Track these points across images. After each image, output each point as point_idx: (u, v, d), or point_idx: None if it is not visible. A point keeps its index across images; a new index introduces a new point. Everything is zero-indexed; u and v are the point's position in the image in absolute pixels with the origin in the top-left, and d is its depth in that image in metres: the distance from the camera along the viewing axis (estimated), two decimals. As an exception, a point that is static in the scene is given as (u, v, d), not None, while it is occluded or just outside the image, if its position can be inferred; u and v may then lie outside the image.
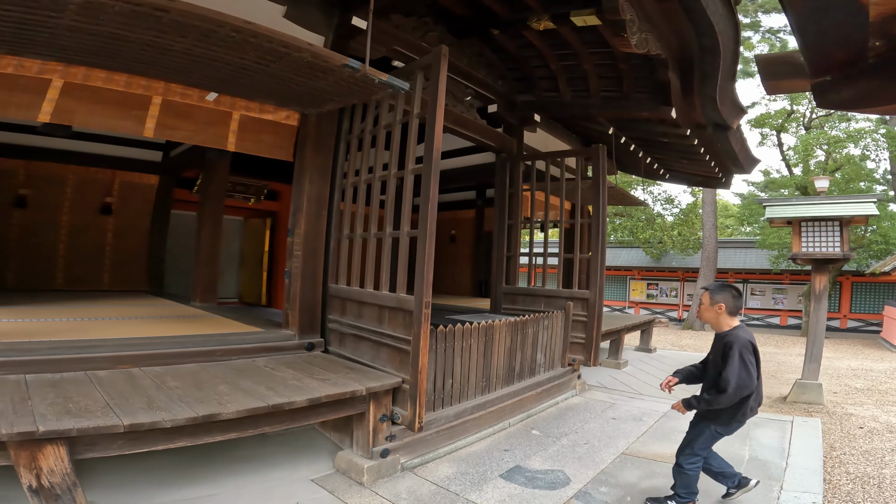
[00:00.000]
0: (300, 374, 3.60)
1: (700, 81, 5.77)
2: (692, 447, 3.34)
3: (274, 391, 3.12)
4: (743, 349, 3.01)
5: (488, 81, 6.86)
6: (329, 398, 3.19)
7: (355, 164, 4.47)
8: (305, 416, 3.22)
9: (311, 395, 3.12)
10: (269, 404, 2.89)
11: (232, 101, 4.17)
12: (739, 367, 2.97)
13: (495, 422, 4.96)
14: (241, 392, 3.06)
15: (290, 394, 3.10)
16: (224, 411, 2.72)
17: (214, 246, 6.12)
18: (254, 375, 3.45)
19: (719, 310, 3.20)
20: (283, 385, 3.27)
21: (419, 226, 3.45)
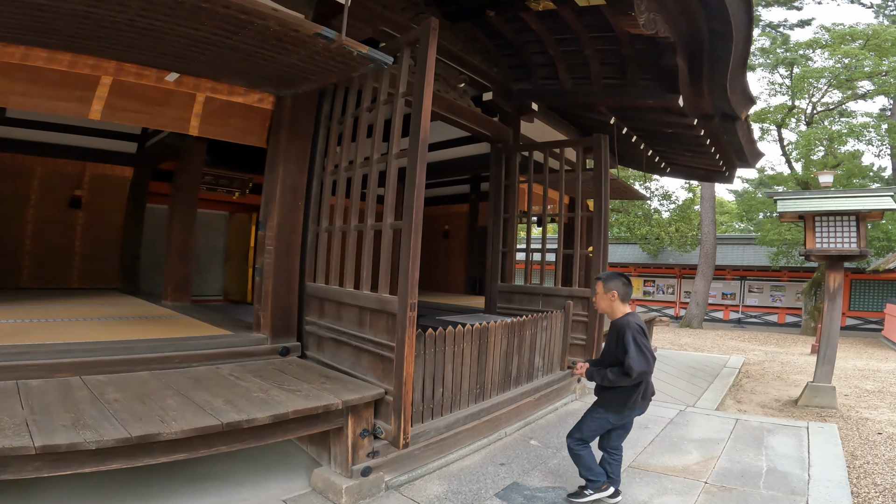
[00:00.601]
0: (268, 383, 3.18)
1: (710, 68, 5.40)
2: (581, 431, 3.38)
3: (232, 405, 2.71)
4: (636, 334, 3.11)
5: (483, 68, 6.45)
6: (298, 414, 2.78)
7: (335, 150, 4.05)
8: (270, 434, 2.80)
9: (276, 410, 2.71)
10: (222, 422, 2.48)
11: (196, 82, 3.76)
12: (637, 352, 3.06)
13: (490, 432, 4.57)
14: (193, 407, 2.64)
15: (252, 409, 2.69)
16: (165, 431, 2.31)
17: (187, 241, 5.67)
18: (213, 386, 3.03)
19: (612, 297, 3.29)
20: (244, 398, 2.85)
21: (404, 217, 3.03)
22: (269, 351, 3.81)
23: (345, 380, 3.41)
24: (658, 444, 4.69)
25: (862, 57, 15.84)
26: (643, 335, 3.13)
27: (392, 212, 3.30)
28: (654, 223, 22.22)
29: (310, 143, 4.15)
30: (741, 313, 21.77)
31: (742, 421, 5.47)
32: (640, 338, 3.10)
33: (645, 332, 3.18)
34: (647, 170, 10.21)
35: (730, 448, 4.66)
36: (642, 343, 3.09)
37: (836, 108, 18.89)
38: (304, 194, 4.01)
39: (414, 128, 3.11)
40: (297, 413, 2.77)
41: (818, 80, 17.17)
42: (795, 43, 18.79)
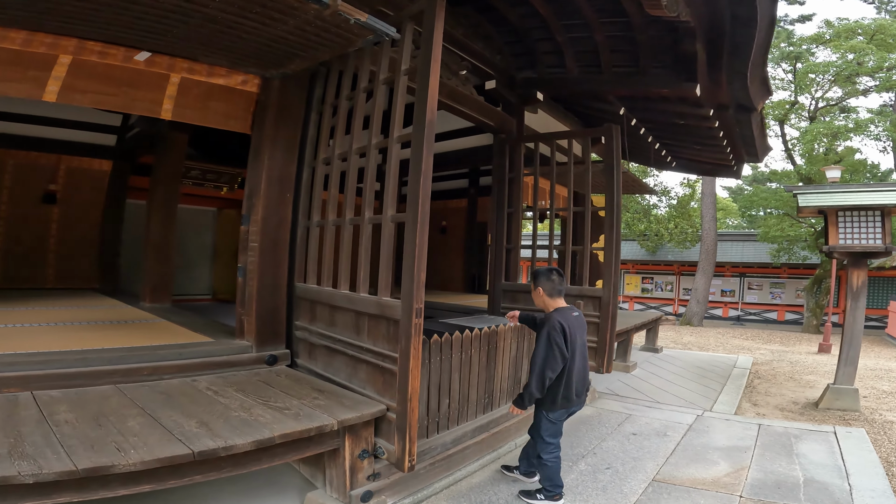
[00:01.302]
0: (252, 399, 2.77)
1: (730, 55, 5.03)
2: (541, 437, 3.36)
3: (207, 428, 2.31)
4: (551, 330, 3.14)
5: (486, 55, 6.05)
6: (286, 438, 2.38)
7: (329, 136, 3.63)
8: (253, 461, 2.40)
9: (260, 434, 2.31)
10: (193, 451, 2.08)
11: (170, 61, 3.37)
12: (545, 349, 3.13)
13: (500, 444, 4.20)
14: (159, 430, 2.25)
15: (231, 432, 2.29)
16: (121, 463, 1.92)
17: (167, 238, 5.25)
18: (186, 403, 2.63)
19: (540, 293, 3.36)
20: (222, 418, 2.45)
21: (408, 208, 2.63)
22: (255, 360, 3.40)
23: (340, 394, 3.01)
24: (681, 454, 4.33)
25: (868, 51, 15.56)
26: (559, 332, 3.14)
27: (393, 203, 2.89)
28: (654, 219, 21.91)
29: (300, 130, 3.74)
30: (740, 310, 21.51)
31: (765, 426, 5.12)
32: (555, 335, 3.13)
33: (566, 330, 3.17)
34: (653, 164, 9.85)
35: (759, 457, 4.31)
36: (555, 340, 3.12)
37: (837, 105, 18.61)
38: (293, 185, 3.60)
39: (420, 105, 2.71)
40: (284, 437, 2.37)
41: (824, 74, 16.88)
42: (799, 38, 18.50)
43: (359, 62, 3.47)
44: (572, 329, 3.21)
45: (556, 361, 3.13)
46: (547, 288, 3.34)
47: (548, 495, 3.34)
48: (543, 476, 3.38)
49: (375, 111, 3.19)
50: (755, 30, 4.54)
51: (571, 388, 3.26)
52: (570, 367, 3.23)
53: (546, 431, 3.34)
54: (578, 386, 3.32)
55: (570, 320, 3.24)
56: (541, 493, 3.36)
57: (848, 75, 16.52)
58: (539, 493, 3.37)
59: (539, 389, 3.18)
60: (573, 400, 3.31)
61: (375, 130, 3.15)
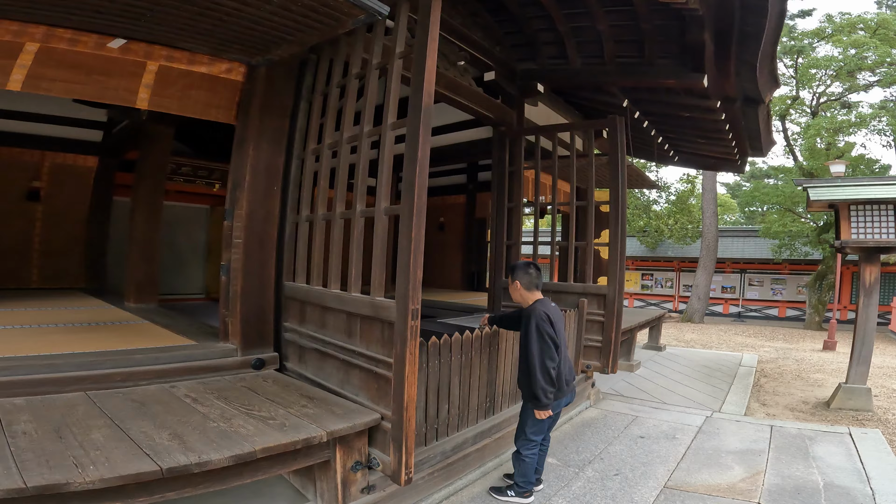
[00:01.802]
0: (234, 408, 2.55)
1: (739, 45, 4.83)
2: (524, 432, 3.29)
3: (181, 441, 2.10)
4: (539, 321, 3.09)
5: (485, 45, 5.83)
6: (268, 452, 2.16)
7: (319, 127, 3.41)
8: (233, 476, 2.19)
9: (240, 447, 2.09)
10: (161, 468, 1.87)
11: (148, 49, 3.15)
12: (538, 340, 3.08)
13: (502, 450, 3.99)
14: (126, 443, 2.04)
15: (207, 445, 2.08)
16: (77, 480, 1.72)
17: (152, 236, 5.01)
18: (161, 412, 2.42)
19: (517, 287, 3.32)
20: (199, 430, 2.24)
21: (403, 199, 2.41)
22: (240, 364, 3.17)
23: (331, 401, 2.79)
24: (692, 458, 4.13)
25: (871, 46, 15.36)
26: (547, 322, 3.10)
27: (387, 196, 2.67)
28: (653, 215, 21.70)
29: (288, 120, 3.51)
30: (741, 307, 21.33)
31: (778, 428, 4.93)
32: (544, 325, 3.09)
33: (552, 318, 3.15)
34: (656, 159, 9.63)
35: (774, 460, 4.11)
36: (545, 330, 3.08)
37: (838, 100, 18.42)
38: (280, 178, 3.38)
39: (416, 89, 2.49)
40: (267, 451, 2.15)
41: (826, 69, 16.68)
42: (801, 32, 18.30)
43: (351, 49, 3.25)
44: (555, 319, 3.20)
45: (551, 350, 3.09)
46: (525, 281, 3.30)
47: (519, 492, 3.29)
48: (518, 472, 3.30)
49: (368, 99, 2.97)
50: (765, 19, 4.36)
51: (562, 378, 3.22)
52: (560, 357, 3.20)
53: (532, 427, 3.25)
54: (568, 375, 3.30)
55: (552, 310, 3.22)
56: (511, 490, 3.31)
57: (850, 70, 16.33)
58: (510, 490, 3.32)
59: (548, 382, 3.09)
60: (564, 389, 3.26)
61: (368, 118, 2.92)
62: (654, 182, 11.17)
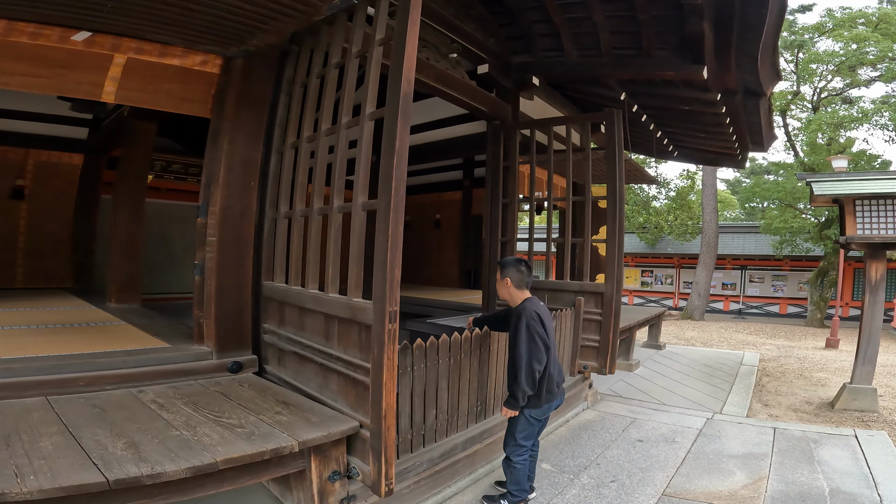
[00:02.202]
0: (202, 414, 2.40)
1: (739, 36, 4.66)
2: (514, 437, 3.13)
3: (135, 451, 1.96)
4: (529, 320, 2.97)
5: (478, 37, 5.66)
6: (231, 463, 2.01)
7: (297, 119, 3.25)
8: (195, 488, 2.05)
9: (198, 459, 1.94)
10: (108, 479, 1.73)
11: (115, 41, 3.00)
12: (527, 340, 2.95)
13: (494, 455, 3.83)
14: (75, 452, 1.91)
15: (162, 456, 1.94)
16: (13, 490, 1.62)
17: (134, 234, 4.85)
18: (121, 419, 2.28)
19: (507, 284, 3.18)
20: (158, 438, 2.10)
21: (380, 193, 2.25)
22: (215, 368, 3.02)
23: (308, 407, 2.63)
24: (692, 464, 3.98)
25: (872, 40, 15.16)
26: (538, 322, 2.99)
27: (364, 190, 2.51)
28: (653, 211, 21.51)
29: (266, 113, 3.35)
30: (742, 304, 21.17)
31: (781, 430, 4.77)
32: (535, 325, 2.97)
33: (542, 318, 3.03)
34: (655, 154, 9.45)
35: (778, 465, 3.96)
36: (535, 330, 2.96)
37: (839, 95, 18.22)
38: (258, 173, 3.22)
39: (395, 75, 2.33)
40: (230, 462, 2.00)
41: (828, 64, 16.48)
42: (801, 27, 18.08)
43: (331, 38, 3.10)
44: (545, 319, 3.08)
45: (540, 352, 2.95)
46: (515, 279, 3.16)
47: (512, 500, 3.16)
48: (511, 479, 3.16)
49: (346, 88, 2.81)
50: (767, 10, 4.21)
51: (553, 381, 3.09)
52: (551, 358, 3.08)
53: (522, 433, 3.10)
54: (558, 377, 3.18)
55: (541, 309, 3.10)
56: (504, 499, 3.19)
57: (851, 66, 16.14)
58: (503, 499, 3.20)
59: (531, 385, 2.96)
60: (555, 392, 3.14)
61: (346, 109, 2.76)
62: (653, 177, 10.99)
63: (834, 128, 16.28)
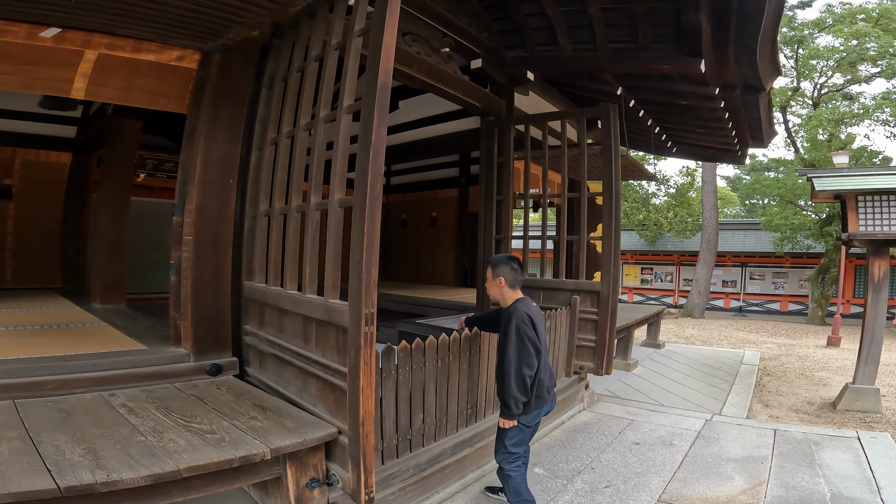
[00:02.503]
0: (172, 419, 2.30)
1: (737, 29, 4.57)
2: (504, 445, 2.97)
3: (94, 456, 1.88)
4: (520, 323, 2.81)
5: (471, 32, 5.54)
6: (196, 471, 1.91)
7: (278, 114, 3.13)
8: (159, 495, 1.95)
9: (159, 467, 1.85)
10: (59, 486, 1.66)
11: (86, 37, 2.91)
12: (517, 344, 2.79)
13: (485, 460, 3.73)
14: (30, 457, 1.83)
15: (121, 463, 1.86)
16: None
17: (119, 233, 4.75)
18: (86, 424, 2.19)
19: (500, 284, 3.00)
20: (121, 444, 2.02)
21: (356, 189, 2.14)
22: (193, 370, 2.91)
23: (285, 412, 2.53)
24: (690, 468, 3.86)
25: (873, 36, 15.01)
26: (529, 324, 2.82)
27: (342, 186, 2.40)
28: (653, 208, 21.38)
29: (246, 108, 3.24)
30: (742, 301, 21.06)
31: (781, 432, 4.66)
32: (525, 328, 2.80)
33: (534, 321, 2.87)
34: (653, 150, 9.34)
35: (778, 468, 3.84)
36: (525, 333, 2.79)
37: (839, 91, 18.07)
38: (237, 170, 3.10)
39: (372, 65, 2.21)
40: (194, 470, 1.90)
41: (827, 60, 16.34)
42: (801, 22, 17.93)
43: (312, 31, 2.99)
44: (537, 321, 2.90)
45: (531, 357, 2.79)
46: (509, 278, 2.97)
47: None
48: (510, 490, 2.98)
49: (324, 81, 2.70)
50: (765, 1, 4.11)
51: (543, 386, 2.92)
52: (543, 362, 2.91)
53: (511, 439, 2.93)
54: (549, 382, 3.00)
55: (534, 311, 2.92)
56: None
57: (851, 61, 16.00)
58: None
59: (522, 391, 2.80)
60: (545, 398, 2.97)
61: (325, 102, 2.65)
62: (651, 173, 10.87)
63: (835, 124, 16.15)
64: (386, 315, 7.53)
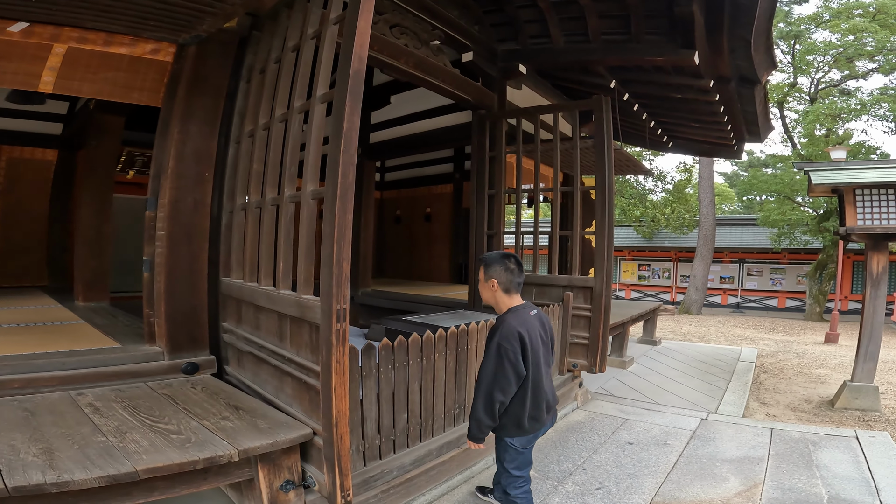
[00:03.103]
0: (137, 420, 2.22)
1: (731, 19, 4.48)
2: (505, 469, 2.66)
3: (48, 456, 1.81)
4: (503, 340, 2.39)
5: (462, 24, 5.45)
6: (154, 473, 1.82)
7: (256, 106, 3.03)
8: (116, 497, 1.88)
9: (115, 468, 1.78)
10: (8, 486, 1.62)
11: (55, 31, 2.84)
12: (493, 364, 2.40)
13: (473, 461, 3.64)
14: None
15: (76, 464, 1.79)
16: None
17: (101, 230, 4.64)
18: (47, 424, 2.12)
19: (493, 287, 2.58)
20: (79, 444, 1.94)
21: (327, 179, 2.04)
22: (167, 369, 2.82)
23: (260, 412, 2.43)
24: (684, 469, 3.77)
25: (870, 31, 14.91)
26: (516, 342, 2.39)
27: (315, 177, 2.31)
28: (650, 204, 21.28)
29: (223, 100, 3.14)
30: (740, 297, 20.98)
31: (778, 431, 4.57)
32: (508, 349, 2.38)
33: (526, 339, 2.42)
34: (649, 145, 9.24)
35: (774, 469, 3.75)
36: (506, 355, 2.37)
37: (837, 86, 17.98)
38: (213, 163, 3.00)
39: (345, 51, 2.11)
40: (154, 472, 1.81)
41: (825, 55, 16.24)
42: (798, 17, 17.82)
43: (290, 22, 2.89)
44: (532, 336, 2.47)
45: (507, 381, 2.39)
46: (503, 280, 2.54)
47: None
48: None
49: (300, 71, 2.60)
50: (758, -10, 4.02)
51: (540, 406, 2.52)
52: (537, 380, 2.49)
53: (511, 462, 2.61)
54: (549, 399, 2.60)
55: (528, 324, 2.50)
56: None
57: (848, 57, 15.91)
58: None
59: (489, 415, 2.43)
60: (543, 419, 2.57)
61: (300, 93, 2.55)
62: (646, 168, 10.78)
63: (832, 119, 16.05)
64: (379, 312, 7.45)
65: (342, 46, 2.16)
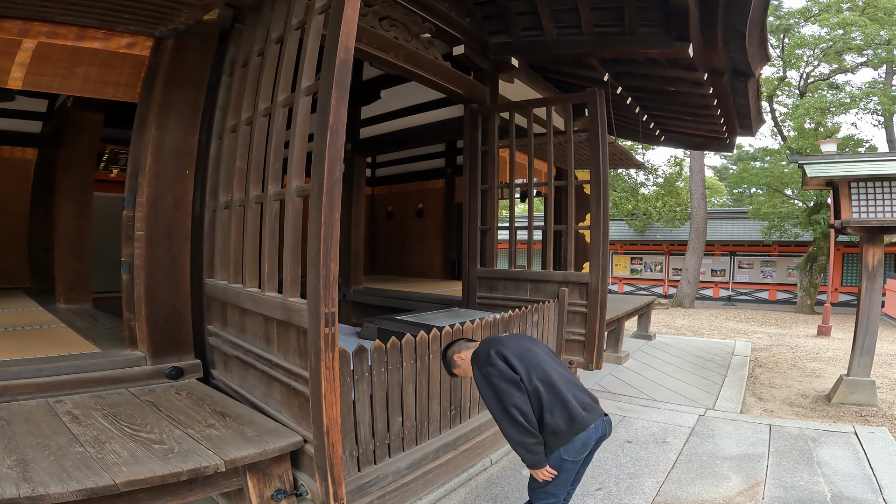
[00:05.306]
0: (117, 429, 2.12)
1: (726, 10, 4.41)
2: (538, 482, 2.37)
3: (23, 468, 1.74)
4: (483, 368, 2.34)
5: (453, 17, 5.34)
6: (135, 485, 1.72)
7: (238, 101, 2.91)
8: None
9: (93, 481, 1.70)
10: None
11: (24, 26, 2.71)
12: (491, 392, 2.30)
13: (471, 462, 3.55)
14: None
15: (51, 477, 1.71)
16: None
17: (81, 230, 4.49)
18: (22, 433, 2.03)
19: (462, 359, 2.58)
20: (56, 455, 1.85)
21: (313, 175, 1.93)
22: (151, 374, 2.70)
23: (247, 419, 2.32)
24: (684, 467, 3.71)
25: (860, 25, 14.93)
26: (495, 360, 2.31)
27: (300, 173, 2.20)
28: (641, 198, 21.29)
29: (204, 95, 3.02)
30: (731, 290, 21.05)
31: (777, 427, 4.52)
32: (489, 368, 2.30)
33: (505, 353, 2.33)
34: (641, 139, 9.19)
35: (775, 467, 3.70)
36: (489, 374, 2.29)
37: (826, 80, 18.04)
38: (194, 160, 2.88)
39: (331, 41, 2.00)
40: (134, 485, 1.71)
41: (814, 48, 16.27)
42: (787, 11, 17.84)
43: (274, 13, 2.77)
44: (508, 343, 2.41)
45: (510, 394, 2.24)
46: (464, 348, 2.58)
47: None
48: None
49: (284, 63, 2.48)
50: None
51: (566, 401, 2.26)
52: (544, 378, 2.29)
53: (552, 483, 2.33)
54: (577, 393, 2.34)
55: (503, 344, 2.41)
56: None
57: (837, 51, 15.94)
58: None
59: (522, 431, 2.22)
60: (581, 415, 2.25)
61: (284, 85, 2.43)
62: (639, 161, 10.73)
63: (821, 112, 16.09)
64: (371, 309, 7.33)
65: (328, 36, 2.05)
